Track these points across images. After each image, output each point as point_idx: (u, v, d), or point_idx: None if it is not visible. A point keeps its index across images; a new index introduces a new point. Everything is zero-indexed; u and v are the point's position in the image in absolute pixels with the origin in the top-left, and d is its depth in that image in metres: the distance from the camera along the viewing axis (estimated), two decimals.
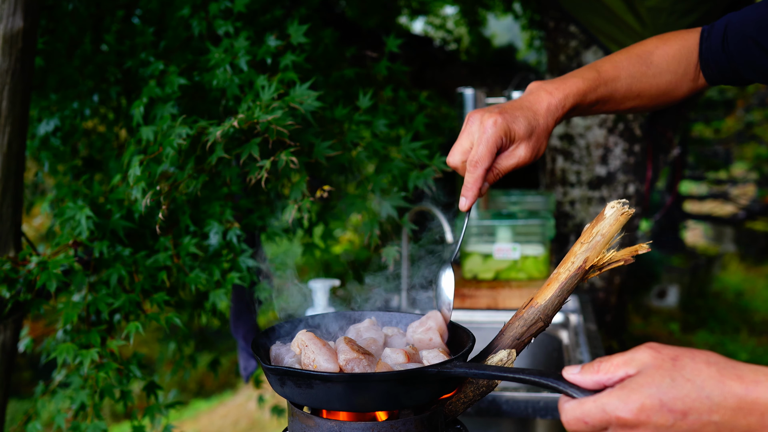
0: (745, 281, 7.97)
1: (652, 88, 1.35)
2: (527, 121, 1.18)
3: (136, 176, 1.72)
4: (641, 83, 1.34)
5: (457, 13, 5.79)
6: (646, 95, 1.36)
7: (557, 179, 3.63)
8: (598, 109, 1.34)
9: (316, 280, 2.05)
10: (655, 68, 1.35)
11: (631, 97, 1.35)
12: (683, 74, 1.36)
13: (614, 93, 1.32)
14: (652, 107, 1.40)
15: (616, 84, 1.32)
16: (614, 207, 1.08)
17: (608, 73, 1.31)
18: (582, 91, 1.26)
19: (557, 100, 1.23)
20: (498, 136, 1.15)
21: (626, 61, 1.34)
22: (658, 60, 1.35)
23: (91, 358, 1.68)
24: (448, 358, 1.09)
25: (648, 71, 1.34)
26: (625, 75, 1.33)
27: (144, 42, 2.13)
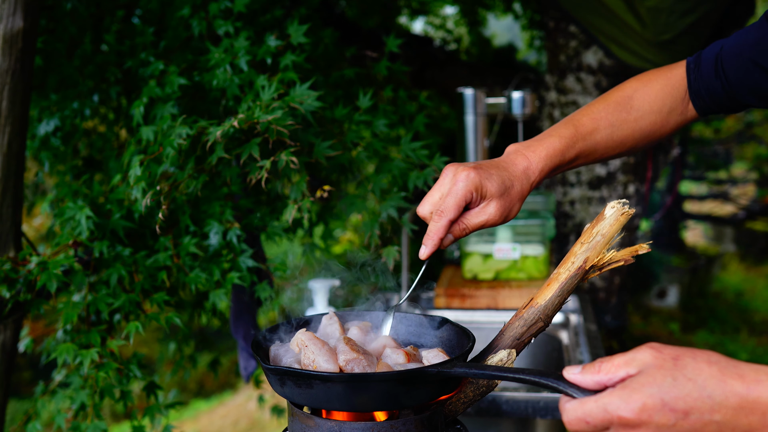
0: (745, 281, 7.96)
1: (635, 133, 1.32)
2: (501, 180, 1.17)
3: (137, 176, 1.72)
4: (622, 131, 1.31)
5: (457, 13, 5.79)
6: (630, 141, 1.32)
7: (557, 179, 3.63)
8: (581, 163, 1.31)
9: (316, 280, 2.05)
10: (636, 112, 1.31)
11: (613, 146, 1.31)
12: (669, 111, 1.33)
13: (595, 146, 1.29)
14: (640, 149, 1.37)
15: (596, 136, 1.28)
16: (614, 207, 1.08)
17: (586, 126, 1.28)
18: (559, 151, 1.24)
19: (534, 164, 1.21)
20: (468, 190, 1.14)
21: (604, 110, 1.30)
22: (639, 103, 1.32)
23: (91, 358, 1.68)
24: (448, 358, 1.09)
25: (629, 117, 1.31)
26: (604, 125, 1.29)
27: (144, 42, 2.13)
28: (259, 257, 2.08)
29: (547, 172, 1.23)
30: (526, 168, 1.20)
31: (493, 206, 1.16)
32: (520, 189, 1.19)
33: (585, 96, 3.53)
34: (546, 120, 3.64)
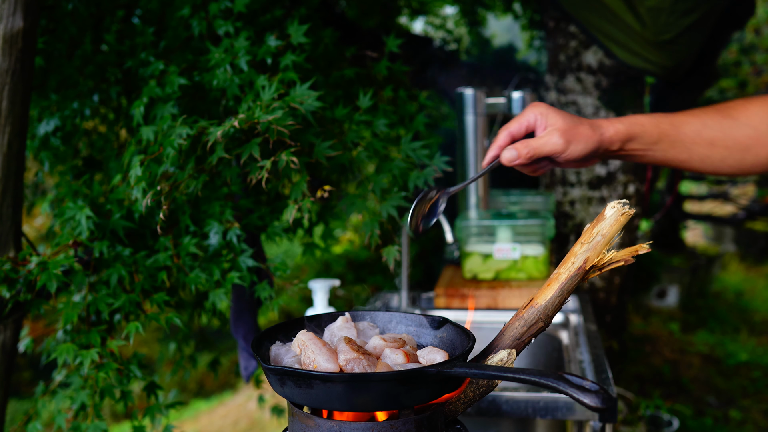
0: (745, 281, 7.97)
1: (728, 139, 1.28)
2: (570, 117, 1.23)
3: (137, 176, 1.73)
4: (714, 130, 1.28)
5: (457, 13, 5.79)
6: (721, 144, 1.29)
7: (557, 179, 3.63)
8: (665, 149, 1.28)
9: (316, 280, 2.05)
10: (733, 120, 1.28)
11: (701, 144, 1.28)
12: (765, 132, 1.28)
13: (682, 135, 1.27)
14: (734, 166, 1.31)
15: (684, 127, 1.27)
16: (614, 207, 1.09)
17: (677, 115, 1.28)
18: (640, 122, 1.25)
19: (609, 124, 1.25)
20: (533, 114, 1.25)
21: (700, 110, 1.30)
22: (737, 113, 1.29)
23: (91, 358, 1.68)
24: (448, 359, 1.09)
25: (724, 121, 1.28)
26: (695, 120, 1.28)
27: (144, 42, 2.13)
28: (259, 257, 2.08)
29: (623, 135, 1.25)
30: (601, 123, 1.25)
31: (556, 135, 1.23)
32: (589, 132, 1.24)
33: (585, 96, 3.53)
34: None
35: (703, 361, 5.65)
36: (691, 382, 5.18)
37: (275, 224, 1.99)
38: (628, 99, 3.56)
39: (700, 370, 5.48)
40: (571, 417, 1.83)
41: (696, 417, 4.61)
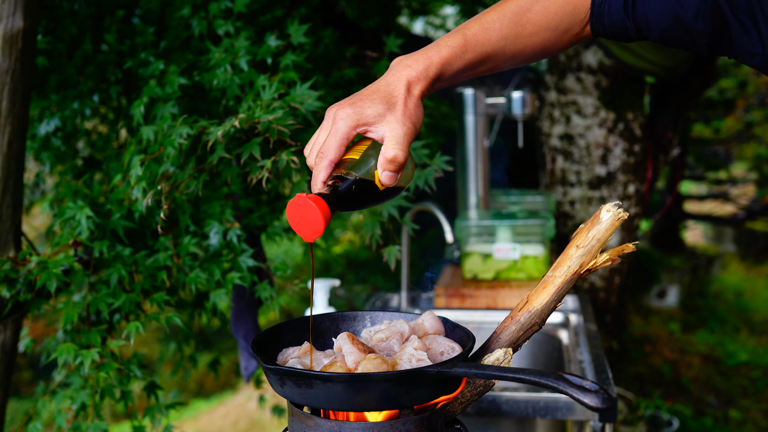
0: (745, 281, 7.97)
1: (528, 48, 1.25)
2: (381, 103, 1.11)
3: (138, 176, 1.73)
4: (515, 45, 1.24)
5: (457, 13, 5.79)
6: (522, 56, 1.26)
7: (557, 179, 3.63)
8: (470, 74, 1.24)
9: (316, 280, 2.05)
10: (532, 27, 1.24)
11: (503, 59, 1.25)
12: (565, 31, 1.26)
13: (485, 57, 1.22)
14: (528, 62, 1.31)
15: (486, 48, 1.21)
16: (610, 211, 1.08)
17: (476, 37, 1.21)
18: (445, 60, 1.17)
19: (416, 72, 1.14)
20: (349, 127, 1.10)
21: (498, 21, 1.23)
22: (536, 17, 1.24)
23: (91, 358, 1.68)
24: (448, 359, 1.09)
25: (523, 31, 1.24)
26: (496, 38, 1.22)
27: (144, 42, 2.13)
28: (259, 257, 2.08)
29: (432, 77, 1.16)
30: (409, 77, 1.14)
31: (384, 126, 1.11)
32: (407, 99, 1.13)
33: (585, 96, 3.53)
34: (546, 120, 3.64)
35: (703, 361, 5.65)
36: (691, 382, 5.18)
37: (275, 224, 1.99)
38: (628, 99, 3.56)
39: (700, 370, 5.48)
40: (571, 417, 1.83)
41: (696, 417, 4.61)
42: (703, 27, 1.15)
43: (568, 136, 3.58)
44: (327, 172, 1.08)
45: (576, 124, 3.56)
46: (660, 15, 1.19)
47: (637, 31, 1.23)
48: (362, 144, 1.12)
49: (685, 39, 1.19)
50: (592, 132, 3.55)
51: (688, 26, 1.16)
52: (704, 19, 1.14)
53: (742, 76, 7.15)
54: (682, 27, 1.17)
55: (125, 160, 1.87)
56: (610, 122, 3.54)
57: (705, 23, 1.15)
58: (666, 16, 1.18)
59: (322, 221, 1.00)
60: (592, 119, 3.54)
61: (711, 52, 1.20)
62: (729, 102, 7.34)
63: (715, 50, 1.19)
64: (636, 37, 1.25)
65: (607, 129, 3.54)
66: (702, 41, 1.17)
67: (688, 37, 1.18)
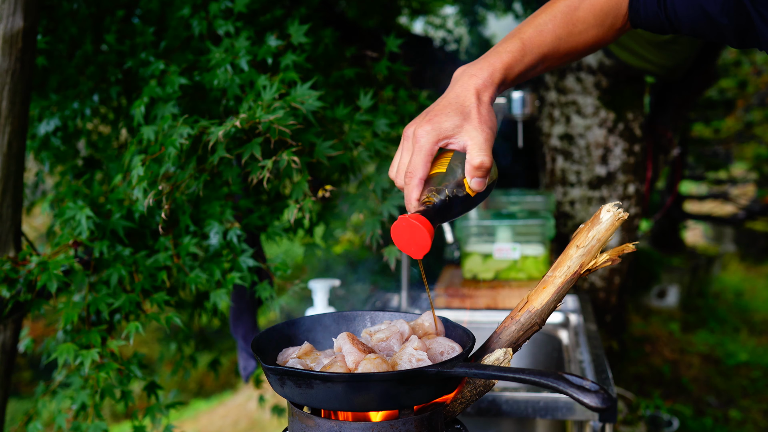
0: (745, 281, 7.97)
1: (579, 45, 1.31)
2: (456, 114, 1.17)
3: (139, 176, 1.73)
4: (568, 43, 1.30)
5: (457, 13, 5.79)
6: (574, 53, 1.32)
7: (557, 179, 3.63)
8: (529, 75, 1.31)
9: (316, 280, 2.05)
10: (582, 25, 1.30)
11: (558, 57, 1.31)
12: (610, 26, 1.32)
13: (542, 58, 1.28)
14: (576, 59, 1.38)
15: (542, 49, 1.28)
16: (610, 211, 1.08)
17: (532, 40, 1.27)
18: (507, 64, 1.24)
19: (482, 80, 1.20)
20: (431, 143, 1.14)
21: (551, 22, 1.29)
22: (584, 15, 1.30)
23: (91, 358, 1.68)
24: (448, 359, 1.09)
25: (574, 29, 1.29)
26: (550, 38, 1.28)
27: (144, 42, 2.13)
28: (259, 257, 2.08)
29: (498, 83, 1.22)
30: (477, 87, 1.20)
31: (464, 136, 1.15)
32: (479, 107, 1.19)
33: (585, 96, 3.53)
34: (546, 120, 3.64)
35: (703, 361, 5.65)
36: (691, 382, 5.18)
37: (275, 224, 1.99)
38: (628, 99, 3.56)
39: (700, 370, 5.48)
40: (571, 417, 1.83)
41: (696, 417, 4.61)
42: (727, 21, 1.18)
43: (568, 136, 3.58)
44: (419, 189, 1.13)
45: (576, 124, 3.56)
46: (688, 9, 1.23)
47: (670, 25, 1.28)
48: (445, 157, 1.16)
49: (713, 32, 1.23)
50: (592, 132, 3.55)
51: (714, 20, 1.20)
52: (729, 13, 1.17)
53: (742, 76, 7.15)
54: (709, 21, 1.21)
55: (126, 160, 1.87)
56: (610, 122, 3.54)
57: (729, 18, 1.17)
58: (693, 10, 1.22)
59: (429, 238, 1.05)
60: (592, 119, 3.54)
61: (742, 45, 1.23)
62: (729, 102, 7.34)
63: (745, 43, 1.22)
64: (670, 30, 1.30)
65: (607, 129, 3.54)
66: (729, 34, 1.21)
67: (715, 30, 1.22)
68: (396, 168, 1.19)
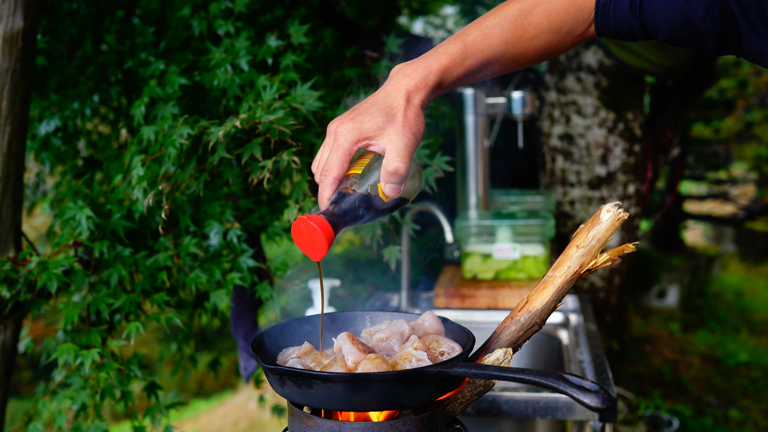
0: (745, 281, 7.97)
1: (530, 52, 1.23)
2: (381, 115, 1.11)
3: (140, 176, 1.73)
4: (516, 48, 1.21)
5: (457, 13, 5.79)
6: (524, 59, 1.24)
7: (557, 179, 3.63)
8: (470, 80, 1.23)
9: (316, 280, 2.05)
10: (534, 30, 1.21)
11: (505, 64, 1.23)
12: (568, 32, 1.23)
13: (485, 63, 1.20)
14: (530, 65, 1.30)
15: (486, 53, 1.19)
16: (610, 211, 1.08)
17: (476, 43, 1.19)
18: (444, 67, 1.16)
19: (415, 82, 1.14)
20: (350, 142, 1.10)
21: (499, 26, 1.20)
22: (538, 20, 1.21)
23: (91, 358, 1.68)
24: (449, 358, 1.10)
25: (524, 35, 1.21)
26: (497, 42, 1.20)
27: (144, 42, 2.13)
28: (259, 257, 2.08)
29: (432, 86, 1.16)
30: (408, 87, 1.13)
31: (385, 138, 1.09)
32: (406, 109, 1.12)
33: (585, 96, 3.53)
34: (546, 120, 3.64)
35: (703, 361, 5.65)
36: (691, 382, 5.18)
37: (275, 224, 1.99)
38: (628, 99, 3.56)
39: (700, 370, 5.48)
40: (571, 417, 1.83)
41: (696, 417, 4.61)
42: (711, 27, 1.14)
43: (568, 136, 3.59)
44: (332, 188, 1.09)
45: (576, 124, 3.56)
46: (668, 15, 1.17)
47: (643, 31, 1.21)
48: (365, 158, 1.12)
49: (693, 39, 1.18)
50: (592, 132, 3.55)
51: (696, 26, 1.15)
52: (713, 19, 1.13)
53: (742, 76, 7.15)
54: (690, 27, 1.16)
55: (126, 160, 1.87)
56: (610, 122, 3.54)
57: (713, 23, 1.13)
58: (674, 16, 1.16)
59: (325, 242, 1.01)
60: (592, 119, 3.54)
61: (718, 52, 1.19)
62: (729, 102, 7.34)
63: (722, 50, 1.18)
64: (642, 37, 1.23)
65: (607, 129, 3.54)
66: (710, 41, 1.16)
67: (695, 37, 1.17)
68: (316, 164, 1.15)
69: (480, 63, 1.20)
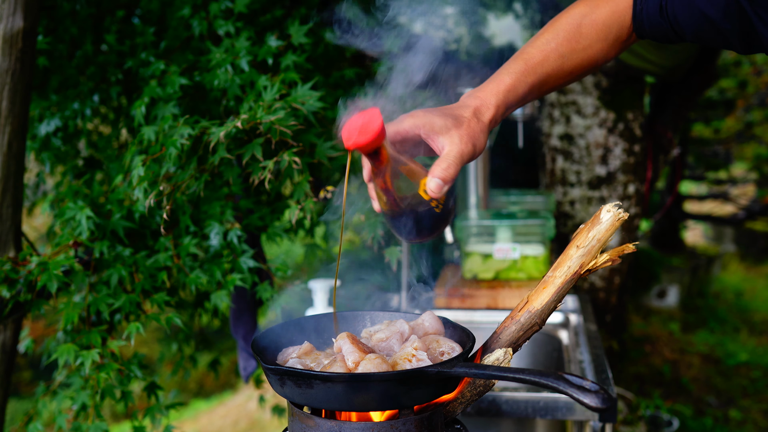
0: (745, 281, 7.97)
1: (584, 62, 1.29)
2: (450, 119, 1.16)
3: (140, 176, 1.73)
4: (572, 61, 1.28)
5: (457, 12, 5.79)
6: (579, 70, 1.30)
7: (557, 179, 3.63)
8: (534, 96, 1.29)
9: (316, 280, 2.05)
10: (585, 40, 1.28)
11: (563, 76, 1.29)
12: (615, 39, 1.29)
13: (546, 78, 1.27)
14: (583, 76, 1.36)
15: (546, 68, 1.26)
16: (610, 211, 1.08)
17: (535, 59, 1.26)
18: (510, 86, 1.23)
19: (483, 102, 1.20)
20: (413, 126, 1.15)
21: (554, 41, 1.27)
22: (587, 30, 1.28)
23: (91, 358, 1.68)
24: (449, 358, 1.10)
25: (577, 46, 1.28)
26: (554, 57, 1.26)
27: (144, 42, 2.13)
28: (259, 258, 2.08)
29: (502, 107, 1.22)
30: (478, 107, 1.20)
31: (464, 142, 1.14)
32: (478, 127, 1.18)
33: (585, 96, 3.53)
34: (546, 120, 3.64)
35: (703, 361, 5.65)
36: (691, 382, 5.18)
37: (276, 224, 1.99)
38: (628, 99, 3.56)
39: (700, 370, 5.48)
40: (571, 417, 1.83)
41: (696, 417, 4.61)
42: (730, 26, 1.16)
43: (568, 136, 3.58)
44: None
45: (576, 124, 3.56)
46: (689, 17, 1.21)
47: (675, 34, 1.26)
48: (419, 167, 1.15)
49: (718, 38, 1.21)
50: (592, 132, 3.55)
51: (717, 26, 1.18)
52: (731, 17, 1.15)
53: (742, 76, 7.15)
54: (713, 27, 1.19)
55: (126, 160, 1.87)
56: (610, 122, 3.54)
57: (732, 22, 1.16)
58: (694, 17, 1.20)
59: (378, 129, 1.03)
60: (592, 119, 3.54)
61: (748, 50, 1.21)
62: (729, 102, 7.34)
63: (752, 48, 1.20)
64: (676, 39, 1.28)
65: (607, 129, 3.54)
66: (734, 40, 1.19)
67: (720, 35, 1.20)
68: None
69: (541, 78, 1.26)
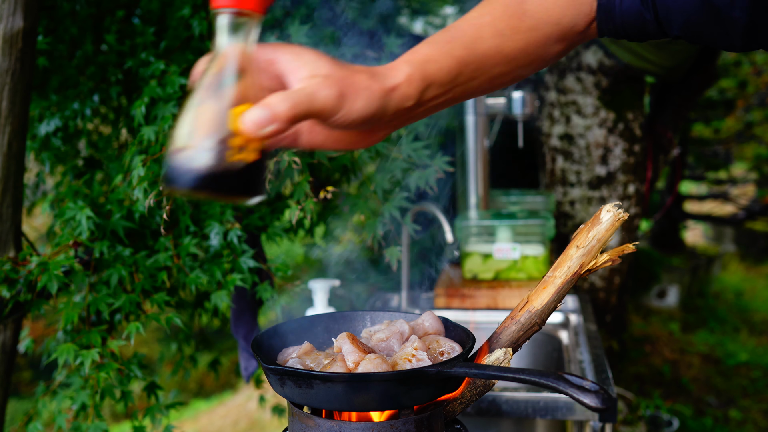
0: (745, 281, 7.97)
1: (530, 48, 1.02)
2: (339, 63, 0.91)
3: (140, 176, 1.73)
4: (514, 42, 1.01)
5: (457, 13, 5.79)
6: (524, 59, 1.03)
7: (557, 179, 3.63)
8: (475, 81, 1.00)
9: (316, 280, 2.05)
10: (530, 20, 1.01)
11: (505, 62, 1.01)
12: (569, 27, 1.04)
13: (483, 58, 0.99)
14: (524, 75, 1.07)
15: (480, 46, 0.98)
16: (610, 211, 1.08)
17: (464, 31, 0.99)
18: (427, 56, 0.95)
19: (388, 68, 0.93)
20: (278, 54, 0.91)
21: (488, 14, 1.01)
22: (534, 8, 1.02)
23: (91, 358, 1.68)
24: (449, 358, 1.10)
25: (520, 25, 1.01)
26: (489, 33, 0.99)
27: (144, 42, 2.13)
28: (260, 258, 2.08)
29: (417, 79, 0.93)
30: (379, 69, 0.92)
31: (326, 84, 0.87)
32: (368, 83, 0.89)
33: (585, 96, 3.53)
34: (546, 120, 3.64)
35: (703, 361, 5.65)
36: (691, 382, 5.18)
37: (276, 224, 1.99)
38: (628, 99, 3.56)
39: (700, 370, 5.48)
40: (571, 417, 1.83)
41: (696, 417, 4.61)
42: (740, 15, 0.96)
43: (568, 136, 3.59)
44: None
45: (576, 124, 3.56)
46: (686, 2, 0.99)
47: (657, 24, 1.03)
48: None
49: (714, 30, 1.00)
50: (592, 132, 3.55)
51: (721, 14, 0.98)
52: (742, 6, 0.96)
53: (742, 76, 7.15)
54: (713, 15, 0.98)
55: (126, 160, 1.87)
56: (610, 122, 3.54)
57: (743, 11, 0.96)
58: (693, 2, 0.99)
59: None
60: (592, 119, 3.54)
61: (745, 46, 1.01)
62: (729, 102, 7.34)
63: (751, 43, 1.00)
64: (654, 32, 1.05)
65: (607, 129, 3.54)
66: (736, 32, 0.99)
67: (718, 27, 0.99)
68: None
69: (476, 57, 0.99)
